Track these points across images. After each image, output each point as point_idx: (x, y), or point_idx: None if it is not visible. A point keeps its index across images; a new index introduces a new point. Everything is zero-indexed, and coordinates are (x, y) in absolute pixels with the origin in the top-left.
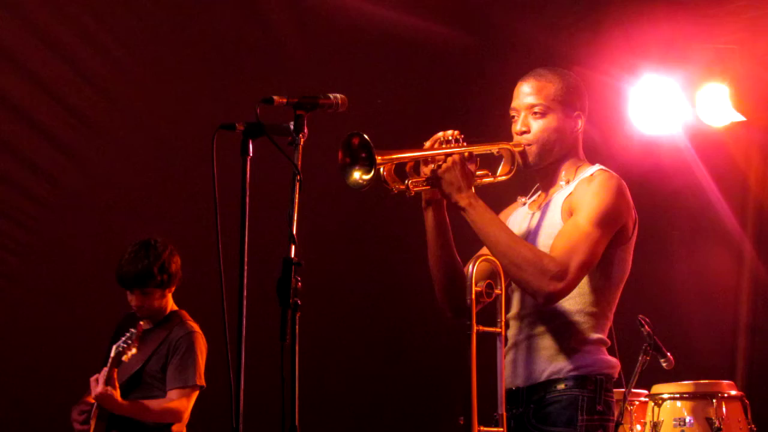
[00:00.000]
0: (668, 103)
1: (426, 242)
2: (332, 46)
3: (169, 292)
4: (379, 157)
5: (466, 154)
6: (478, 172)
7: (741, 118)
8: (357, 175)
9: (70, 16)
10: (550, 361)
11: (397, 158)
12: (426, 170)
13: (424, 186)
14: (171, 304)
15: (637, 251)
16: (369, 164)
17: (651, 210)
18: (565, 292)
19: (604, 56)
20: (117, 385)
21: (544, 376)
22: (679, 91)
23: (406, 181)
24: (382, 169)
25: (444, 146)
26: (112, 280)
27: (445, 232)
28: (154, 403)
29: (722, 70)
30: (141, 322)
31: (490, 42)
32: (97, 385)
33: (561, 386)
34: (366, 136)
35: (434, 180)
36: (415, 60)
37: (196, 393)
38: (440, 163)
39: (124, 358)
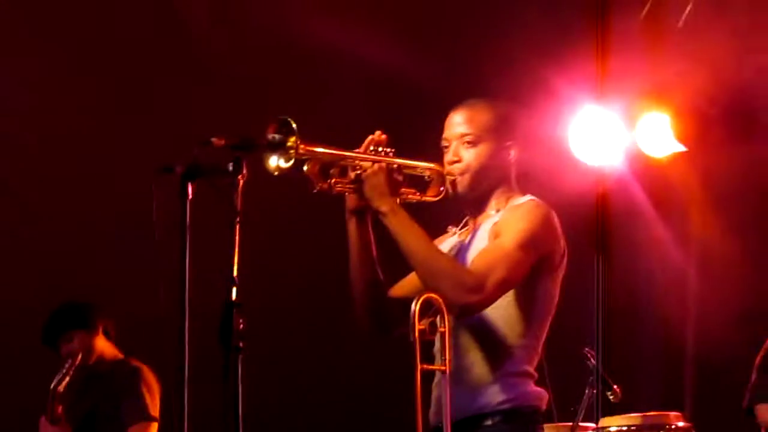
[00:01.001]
0: (609, 133)
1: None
2: (272, 81)
3: (95, 334)
4: (303, 147)
5: (395, 165)
6: (405, 189)
7: (682, 148)
8: (276, 159)
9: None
10: (476, 395)
11: (321, 152)
12: (352, 174)
13: (347, 187)
14: (111, 353)
15: (584, 282)
16: (291, 152)
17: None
18: (480, 306)
19: (545, 88)
20: (63, 418)
21: (470, 411)
22: (620, 121)
23: (330, 180)
24: (307, 166)
25: (373, 153)
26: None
27: (367, 247)
28: None
29: (663, 101)
30: (78, 357)
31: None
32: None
33: (488, 421)
34: (294, 124)
35: (358, 182)
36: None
37: (155, 427)
38: (366, 167)
39: (60, 388)
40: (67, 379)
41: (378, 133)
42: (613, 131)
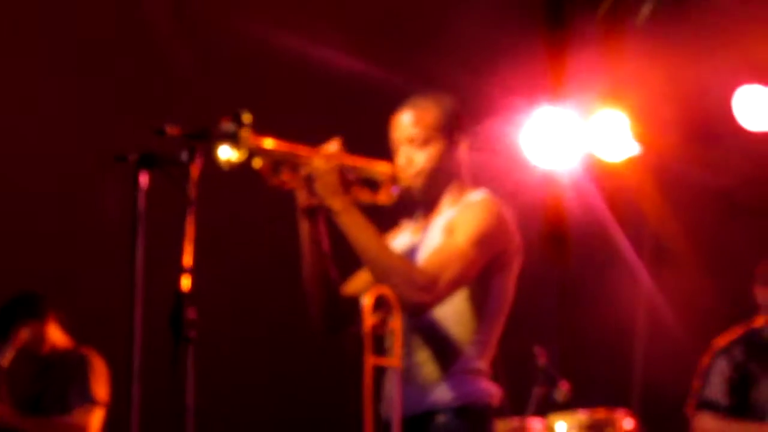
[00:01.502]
0: (564, 135)
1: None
2: (228, 73)
3: (46, 324)
4: (252, 142)
5: (347, 165)
6: (357, 189)
7: (637, 148)
8: (227, 152)
9: None
10: (428, 392)
11: (272, 147)
12: (304, 172)
13: (299, 183)
14: (63, 341)
15: (540, 281)
16: (242, 145)
17: (549, 240)
18: (431, 304)
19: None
20: (7, 397)
21: (422, 408)
22: (575, 121)
23: (281, 176)
24: (259, 162)
25: (324, 151)
26: None
27: (319, 244)
28: (56, 419)
29: (620, 101)
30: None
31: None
32: None
33: (441, 418)
34: (247, 117)
35: (310, 180)
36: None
37: (101, 411)
38: (319, 166)
39: (4, 362)
40: (11, 354)
41: (337, 139)
42: (569, 132)
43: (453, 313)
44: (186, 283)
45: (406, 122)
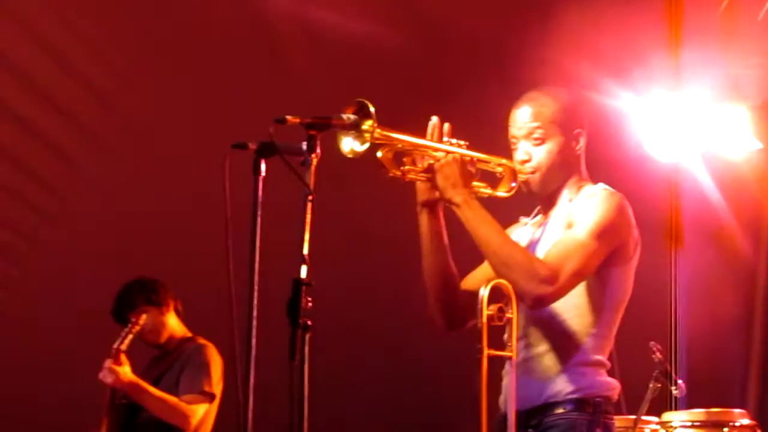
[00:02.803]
0: (682, 128)
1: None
2: (341, 65)
3: (166, 312)
4: (378, 132)
5: (468, 158)
6: (477, 183)
7: (759, 145)
8: (351, 142)
9: (78, 30)
10: (547, 384)
11: (397, 138)
12: (424, 163)
13: (419, 175)
14: (181, 331)
15: (652, 276)
16: (366, 135)
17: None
18: (553, 297)
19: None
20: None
21: (541, 400)
22: (694, 115)
23: (402, 167)
24: (381, 152)
25: (447, 144)
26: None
27: (439, 238)
28: (167, 396)
29: (742, 94)
30: (143, 316)
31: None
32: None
33: (559, 410)
34: (372, 107)
35: (431, 171)
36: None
37: (209, 404)
38: (440, 158)
39: (123, 347)
40: (130, 337)
41: (436, 119)
42: (687, 127)
43: (572, 305)
44: (304, 271)
45: (524, 117)
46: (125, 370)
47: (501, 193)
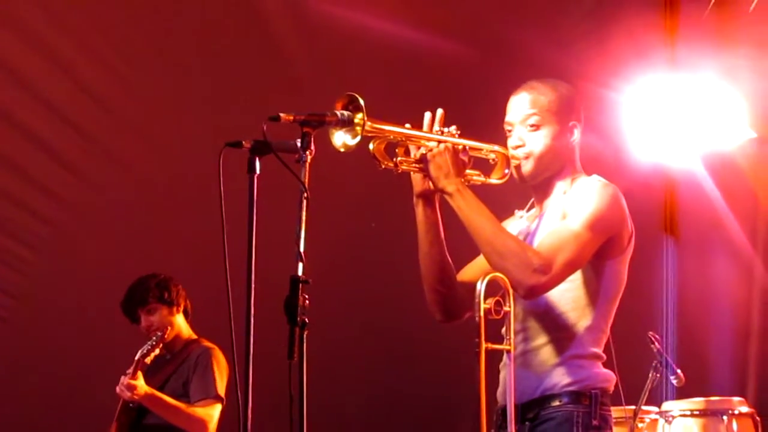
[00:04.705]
0: (677, 121)
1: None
2: (338, 62)
3: (176, 312)
4: (369, 125)
5: (460, 146)
6: (470, 171)
7: (753, 134)
8: (343, 136)
9: (78, 35)
10: (544, 377)
11: (388, 131)
12: (417, 153)
13: (412, 166)
14: (187, 332)
15: (648, 267)
16: (357, 129)
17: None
18: (546, 287)
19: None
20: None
21: (537, 393)
22: (689, 104)
23: (395, 159)
24: (372, 144)
25: (439, 133)
26: (120, 298)
27: (435, 229)
28: (183, 405)
29: (736, 84)
30: (168, 329)
31: (495, 57)
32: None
33: (556, 402)
34: (362, 101)
35: (424, 161)
36: (420, 74)
37: (219, 406)
38: (432, 148)
39: (147, 360)
40: (156, 351)
41: (440, 112)
42: (682, 116)
43: (568, 298)
44: (300, 269)
45: (521, 104)
46: (141, 383)
47: (494, 180)
